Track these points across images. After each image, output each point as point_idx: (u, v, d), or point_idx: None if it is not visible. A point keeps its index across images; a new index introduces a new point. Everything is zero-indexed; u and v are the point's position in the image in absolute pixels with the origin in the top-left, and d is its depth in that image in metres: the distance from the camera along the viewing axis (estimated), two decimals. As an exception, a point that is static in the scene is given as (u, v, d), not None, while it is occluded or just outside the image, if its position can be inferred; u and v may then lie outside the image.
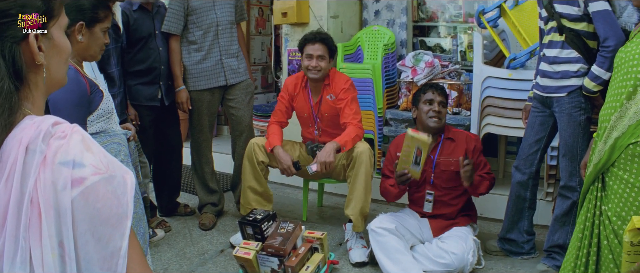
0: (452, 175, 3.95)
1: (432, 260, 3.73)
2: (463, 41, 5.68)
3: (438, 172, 3.99)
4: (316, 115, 4.58)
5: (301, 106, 4.65)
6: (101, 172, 1.06)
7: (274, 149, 4.39)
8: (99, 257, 1.06)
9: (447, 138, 4.05)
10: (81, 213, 1.04)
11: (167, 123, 4.79)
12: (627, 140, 2.63)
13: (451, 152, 3.99)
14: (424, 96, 4.05)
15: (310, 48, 4.44)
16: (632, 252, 2.41)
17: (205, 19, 4.61)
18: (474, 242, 3.86)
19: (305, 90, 4.61)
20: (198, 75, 4.68)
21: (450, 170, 3.96)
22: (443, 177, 3.98)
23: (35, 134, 1.05)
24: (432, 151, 4.01)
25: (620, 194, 2.68)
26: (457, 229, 3.96)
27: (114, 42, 4.12)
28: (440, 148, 4.02)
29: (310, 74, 4.45)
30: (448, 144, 4.03)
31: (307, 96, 4.60)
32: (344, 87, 4.45)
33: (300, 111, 4.68)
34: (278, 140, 4.46)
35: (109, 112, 2.83)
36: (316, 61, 4.41)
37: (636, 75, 2.62)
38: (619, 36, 3.26)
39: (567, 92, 3.56)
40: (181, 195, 5.29)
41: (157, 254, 4.25)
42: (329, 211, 5.25)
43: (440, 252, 3.75)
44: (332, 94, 4.50)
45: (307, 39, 4.49)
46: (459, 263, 3.68)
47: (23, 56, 1.12)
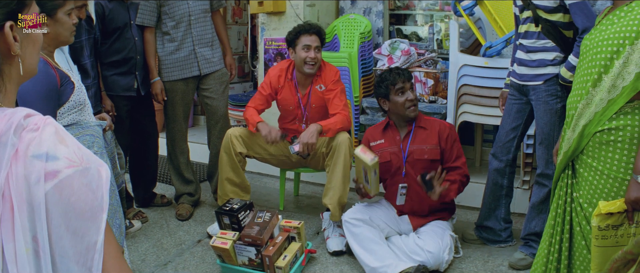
0: (427, 163, 3.90)
1: (407, 255, 3.73)
2: (439, 29, 5.69)
3: (411, 161, 3.93)
4: (304, 107, 4.54)
5: (286, 99, 4.57)
6: (75, 165, 1.04)
7: (257, 125, 4.37)
8: (74, 252, 1.04)
9: (418, 126, 3.99)
10: (55, 206, 1.02)
11: (143, 113, 4.75)
12: (594, 128, 2.66)
13: (424, 140, 3.92)
14: (395, 87, 3.93)
15: (307, 39, 4.36)
16: (600, 236, 2.45)
17: (177, 10, 4.57)
18: (451, 239, 3.85)
19: (291, 82, 4.55)
20: (171, 65, 4.65)
21: (423, 159, 3.91)
22: (417, 166, 3.91)
23: (6, 127, 1.03)
24: (403, 141, 3.98)
25: (590, 181, 2.71)
26: (435, 223, 3.95)
27: (87, 33, 4.09)
28: (412, 137, 3.96)
29: (306, 68, 4.38)
30: (420, 133, 3.96)
31: (294, 88, 4.55)
32: (334, 79, 4.44)
33: (285, 104, 4.60)
34: (258, 117, 4.44)
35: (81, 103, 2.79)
36: (314, 52, 4.36)
37: (600, 62, 2.63)
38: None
39: (544, 81, 3.58)
40: (158, 185, 5.27)
41: (134, 245, 4.23)
42: (306, 201, 5.24)
43: (416, 248, 3.73)
44: (322, 85, 4.47)
45: (302, 30, 4.39)
46: (435, 262, 3.67)
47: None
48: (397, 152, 3.97)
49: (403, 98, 3.92)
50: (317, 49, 4.37)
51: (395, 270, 3.57)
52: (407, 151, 3.94)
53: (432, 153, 3.87)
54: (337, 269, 3.87)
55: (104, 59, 4.41)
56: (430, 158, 3.88)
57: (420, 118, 4.01)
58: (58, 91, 2.63)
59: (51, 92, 2.59)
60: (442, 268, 3.72)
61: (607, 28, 2.65)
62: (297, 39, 4.39)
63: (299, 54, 4.38)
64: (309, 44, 4.34)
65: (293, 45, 4.42)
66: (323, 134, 4.27)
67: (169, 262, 4.00)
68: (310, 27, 4.41)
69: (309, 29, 4.39)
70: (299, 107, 4.56)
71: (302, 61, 4.37)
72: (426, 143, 3.91)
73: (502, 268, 3.83)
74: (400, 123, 4.01)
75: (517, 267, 3.79)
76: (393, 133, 4.03)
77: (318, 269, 3.88)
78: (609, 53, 2.59)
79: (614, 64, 2.57)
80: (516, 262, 3.80)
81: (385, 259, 3.66)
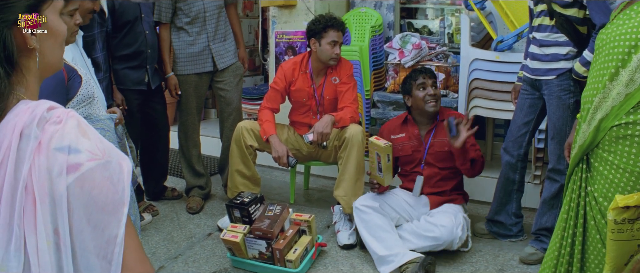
0: (446, 154, 3.98)
1: (420, 235, 3.74)
2: (450, 23, 5.67)
3: (433, 153, 4.02)
4: (319, 99, 4.54)
5: (301, 90, 4.56)
6: (97, 158, 1.04)
7: (269, 138, 4.37)
8: (95, 245, 1.04)
9: (441, 120, 4.03)
10: (77, 199, 1.02)
11: (153, 106, 4.75)
12: (611, 122, 2.64)
13: (444, 134, 3.96)
14: (416, 83, 4.03)
15: (335, 34, 4.34)
16: (616, 230, 2.44)
17: (193, 7, 4.58)
18: (464, 219, 3.87)
19: (306, 74, 4.54)
20: (185, 60, 4.67)
21: (444, 150, 3.98)
22: (437, 157, 4.01)
23: (29, 120, 1.03)
24: (425, 136, 4.03)
25: (606, 175, 2.70)
26: (448, 205, 3.97)
27: (99, 26, 4.09)
28: (435, 131, 4.03)
29: (332, 62, 4.40)
30: (441, 127, 4.01)
31: (309, 80, 4.54)
32: (349, 73, 4.46)
33: (299, 96, 4.59)
34: (273, 128, 4.42)
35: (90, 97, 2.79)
36: (339, 48, 4.37)
37: (618, 56, 2.62)
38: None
39: (557, 75, 3.56)
40: (168, 178, 5.28)
41: (144, 238, 4.24)
42: (316, 194, 5.25)
43: (429, 225, 3.76)
44: (336, 77, 4.48)
45: (331, 25, 4.35)
46: (448, 236, 3.68)
47: (15, 40, 1.09)
48: (418, 146, 4.03)
49: (424, 93, 3.98)
50: (340, 45, 4.39)
51: (402, 260, 3.59)
52: (428, 144, 4.01)
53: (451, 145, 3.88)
54: (347, 263, 3.87)
55: (114, 52, 4.41)
56: (450, 149, 3.92)
57: (442, 112, 4.07)
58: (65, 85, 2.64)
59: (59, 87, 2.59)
60: (455, 245, 3.74)
61: (624, 22, 2.63)
62: (325, 32, 4.34)
63: (325, 48, 4.36)
64: (337, 40, 4.35)
65: (318, 37, 4.38)
66: (335, 125, 4.27)
67: (180, 255, 4.01)
68: (338, 23, 4.38)
69: (338, 25, 4.36)
70: (313, 97, 4.55)
71: (328, 56, 4.37)
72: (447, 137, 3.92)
73: (513, 262, 3.83)
74: (422, 119, 4.06)
75: (527, 261, 3.78)
76: (412, 127, 4.08)
77: (328, 262, 3.88)
78: (627, 47, 2.58)
79: (632, 58, 2.55)
80: (527, 256, 3.79)
81: (394, 248, 3.66)
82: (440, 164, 4.02)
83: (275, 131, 4.41)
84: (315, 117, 4.57)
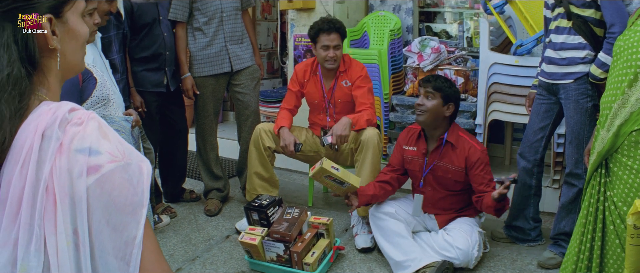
0: (450, 182, 3.83)
1: (436, 251, 3.69)
2: (469, 27, 5.66)
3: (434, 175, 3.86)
4: (329, 101, 4.56)
5: (312, 92, 4.61)
6: (117, 160, 1.05)
7: (280, 129, 4.40)
8: (114, 246, 1.05)
9: (448, 142, 3.79)
10: (96, 201, 1.03)
11: (172, 108, 4.78)
12: (630, 127, 2.64)
13: (451, 160, 3.79)
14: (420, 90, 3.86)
15: (325, 38, 4.37)
16: (636, 234, 2.43)
17: (210, 6, 4.59)
18: (479, 235, 3.78)
19: (316, 76, 4.58)
20: (202, 61, 4.67)
21: (447, 177, 3.82)
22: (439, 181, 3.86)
23: (51, 121, 1.04)
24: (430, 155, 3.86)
25: (625, 180, 2.69)
26: (463, 220, 3.88)
27: (116, 28, 4.12)
28: (441, 153, 3.81)
29: (327, 65, 4.43)
30: (449, 151, 3.79)
31: (320, 82, 4.57)
32: (361, 75, 4.45)
33: (311, 97, 4.64)
34: (286, 123, 4.47)
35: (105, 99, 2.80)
36: (333, 51, 4.37)
37: (636, 62, 2.61)
38: (625, 22, 3.24)
39: (574, 79, 3.54)
40: (187, 181, 5.30)
41: (162, 240, 4.26)
42: (335, 197, 5.23)
43: (445, 244, 3.69)
44: (347, 80, 4.48)
45: (321, 29, 4.38)
46: (464, 259, 3.64)
47: (37, 40, 1.10)
48: (421, 164, 3.91)
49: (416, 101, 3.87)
50: (336, 47, 4.39)
51: (419, 264, 3.57)
52: (431, 164, 3.85)
53: (456, 174, 3.78)
54: (365, 266, 3.87)
55: (133, 55, 4.44)
56: (453, 178, 3.80)
57: (451, 133, 3.81)
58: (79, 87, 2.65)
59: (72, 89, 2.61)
60: (471, 265, 3.69)
61: None
62: (318, 36, 4.41)
63: (319, 53, 4.43)
64: (327, 44, 4.37)
65: (314, 42, 4.46)
66: (352, 128, 4.27)
67: (197, 257, 4.02)
68: (328, 26, 4.38)
69: (327, 28, 4.37)
70: (324, 100, 4.57)
71: (322, 59, 4.44)
72: (453, 163, 3.78)
73: (531, 267, 3.81)
74: (430, 133, 3.88)
75: (546, 266, 3.76)
76: (422, 144, 3.91)
77: (346, 266, 3.88)
78: None
79: None
80: (545, 261, 3.77)
81: (410, 253, 3.64)
82: (440, 188, 3.88)
83: (286, 124, 4.45)
84: (326, 118, 4.60)
